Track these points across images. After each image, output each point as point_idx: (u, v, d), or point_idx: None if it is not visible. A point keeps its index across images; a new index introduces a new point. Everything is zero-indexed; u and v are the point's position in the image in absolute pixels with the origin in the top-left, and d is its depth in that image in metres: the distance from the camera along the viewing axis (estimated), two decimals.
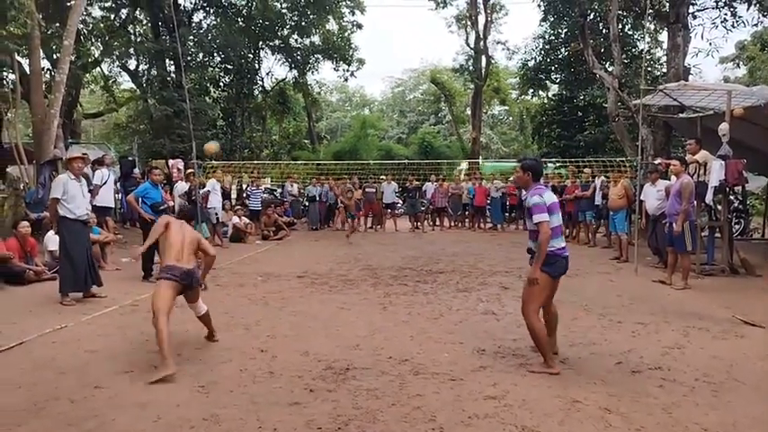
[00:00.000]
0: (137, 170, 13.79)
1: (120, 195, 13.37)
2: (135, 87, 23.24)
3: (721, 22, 16.19)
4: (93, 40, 20.16)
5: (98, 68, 22.13)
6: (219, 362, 4.55)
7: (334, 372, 4.29)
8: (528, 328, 4.38)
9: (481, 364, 4.49)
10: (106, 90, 23.87)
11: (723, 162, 8.28)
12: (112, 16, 21.31)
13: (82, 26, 17.84)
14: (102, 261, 8.86)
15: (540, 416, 3.49)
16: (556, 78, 26.33)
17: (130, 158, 14.82)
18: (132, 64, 22.20)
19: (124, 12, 21.49)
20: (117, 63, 22.16)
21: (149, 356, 4.67)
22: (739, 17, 16.10)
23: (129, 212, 13.47)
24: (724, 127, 8.42)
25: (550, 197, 4.45)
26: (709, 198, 8.56)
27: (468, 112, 33.03)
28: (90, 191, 8.10)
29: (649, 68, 20.63)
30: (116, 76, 23.86)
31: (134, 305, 6.61)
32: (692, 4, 15.47)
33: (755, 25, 18.33)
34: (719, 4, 15.81)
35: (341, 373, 4.26)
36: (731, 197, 10.30)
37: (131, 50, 20.87)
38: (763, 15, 16.80)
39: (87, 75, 20.40)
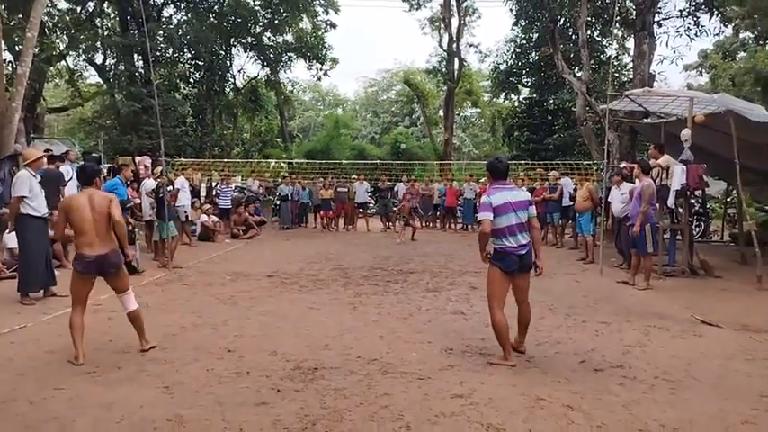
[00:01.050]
0: (101, 167, 13.42)
1: None
2: (101, 82, 22.69)
3: (685, 30, 16.75)
4: (59, 33, 19.60)
5: (63, 62, 21.52)
6: (185, 362, 4.48)
7: (303, 371, 4.28)
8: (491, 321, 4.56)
9: (449, 362, 4.53)
10: (71, 84, 23.21)
11: (685, 167, 8.53)
12: (79, 9, 20.74)
13: (47, 18, 17.33)
14: (64, 259, 8.62)
15: (506, 414, 3.54)
16: (527, 82, 26.71)
17: (94, 155, 14.43)
18: (99, 58, 21.68)
19: (91, 4, 20.95)
20: (83, 57, 21.59)
21: (112, 357, 4.58)
22: (702, 26, 16.68)
23: None
24: (686, 133, 8.67)
25: (501, 198, 4.52)
26: (671, 201, 8.80)
27: (441, 113, 33.24)
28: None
29: (616, 74, 21.15)
30: (82, 70, 23.24)
31: (96, 305, 6.44)
32: (658, 13, 15.93)
33: (717, 35, 19.02)
34: (683, 13, 16.33)
35: (309, 373, 4.24)
36: (692, 201, 10.62)
37: (98, 44, 20.38)
38: (725, 25, 17.43)
39: (52, 68, 19.81)
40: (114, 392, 3.82)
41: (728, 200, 15.68)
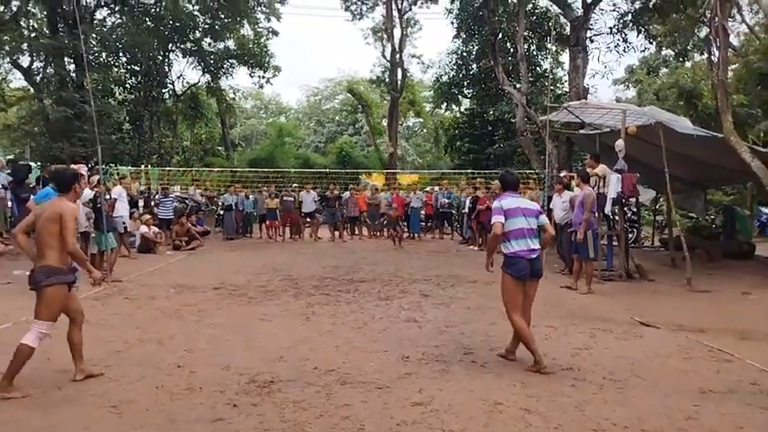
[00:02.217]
0: (32, 176, 12.65)
1: (10, 203, 12.20)
2: (28, 86, 21.39)
3: (615, 46, 17.73)
4: None
5: None
6: (132, 379, 4.28)
7: (258, 385, 4.17)
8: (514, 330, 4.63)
9: (406, 371, 4.55)
10: None
11: (620, 176, 9.00)
12: (2, 8, 19.52)
13: None
14: None
15: (466, 419, 3.59)
16: (468, 93, 27.39)
17: (24, 163, 13.56)
18: (25, 60, 20.44)
19: (15, 3, 19.75)
20: (7, 59, 20.29)
21: (52, 376, 4.31)
22: (630, 43, 17.71)
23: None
24: (620, 143, 9.16)
25: (512, 202, 4.69)
26: (608, 209, 9.26)
27: (385, 123, 33.54)
28: None
29: (552, 87, 22.07)
30: (6, 74, 21.84)
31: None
32: (590, 29, 16.77)
33: (643, 51, 20.28)
34: (613, 30, 17.27)
35: (265, 386, 4.14)
36: (626, 208, 11.21)
37: (24, 46, 19.22)
38: (650, 42, 18.58)
39: None
40: (56, 415, 3.59)
41: (657, 207, 16.65)
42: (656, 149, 9.29)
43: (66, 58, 18.42)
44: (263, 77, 26.26)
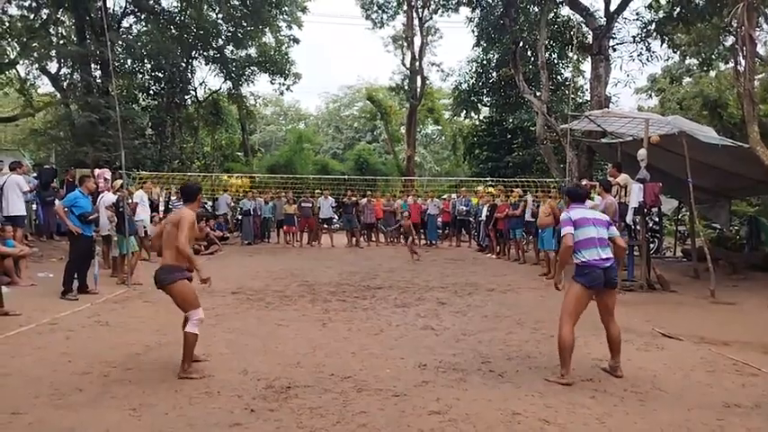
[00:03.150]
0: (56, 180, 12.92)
1: (36, 206, 12.47)
2: (55, 92, 21.88)
3: (638, 55, 17.52)
4: (9, 40, 18.85)
5: (14, 70, 20.68)
6: (152, 383, 4.32)
7: (276, 390, 4.18)
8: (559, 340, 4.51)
9: (423, 379, 4.52)
10: (22, 93, 22.31)
11: (642, 185, 8.87)
12: (32, 16, 20.04)
13: None
14: (15, 276, 8.20)
15: (484, 429, 3.55)
16: (487, 101, 27.32)
17: (50, 167, 13.85)
18: (53, 67, 20.92)
19: (45, 12, 20.27)
20: (36, 65, 20.80)
21: (72, 378, 4.37)
22: (653, 52, 17.49)
23: (46, 224, 12.58)
24: (642, 152, 9.03)
25: (580, 213, 4.68)
26: (629, 218, 9.12)
27: (403, 130, 33.57)
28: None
29: (573, 96, 21.91)
30: (34, 79, 22.38)
31: (52, 323, 6.17)
32: (613, 38, 16.62)
33: (666, 60, 20.04)
34: (636, 39, 17.08)
35: (282, 392, 4.15)
36: (648, 218, 11.04)
37: (52, 53, 19.67)
38: (674, 51, 18.36)
39: (2, 76, 19.02)
40: (77, 416, 3.64)
41: (679, 217, 16.36)
42: (679, 159, 9.14)
43: (92, 65, 18.82)
44: (284, 84, 26.55)
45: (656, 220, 13.08)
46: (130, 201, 9.62)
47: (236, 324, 6.37)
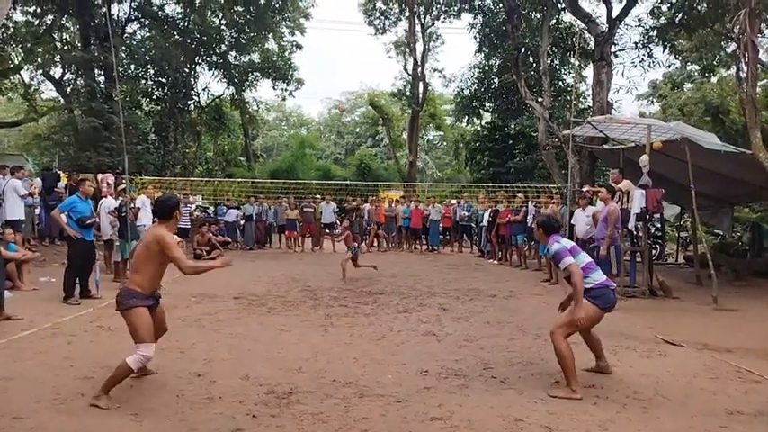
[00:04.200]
0: (60, 184, 12.93)
1: (39, 210, 12.51)
2: (59, 97, 21.99)
3: (640, 61, 17.56)
4: (14, 46, 18.98)
5: (18, 75, 20.80)
6: (153, 387, 4.32)
7: (277, 396, 4.18)
8: (555, 351, 4.39)
9: (425, 385, 4.51)
10: (26, 99, 22.43)
11: (644, 191, 8.87)
12: (36, 21, 20.17)
13: (1, 30, 16.79)
14: (17, 280, 8.22)
15: None
16: (489, 107, 27.38)
17: (53, 172, 13.90)
18: (57, 72, 21.04)
19: (50, 18, 20.41)
20: (40, 71, 20.92)
21: (75, 383, 4.37)
22: (655, 58, 17.54)
23: (47, 229, 12.62)
24: (644, 159, 9.04)
25: (568, 241, 4.73)
26: (631, 224, 9.11)
27: (405, 136, 33.63)
28: None
29: (575, 102, 21.96)
30: (38, 85, 22.50)
31: (54, 328, 6.17)
32: (615, 44, 16.66)
33: (668, 66, 20.07)
34: (638, 45, 17.12)
35: (284, 397, 4.15)
36: (650, 224, 11.03)
37: (57, 58, 19.79)
38: (675, 57, 18.39)
39: (6, 81, 19.13)
40: (79, 421, 3.64)
41: (681, 223, 16.34)
42: (681, 165, 9.15)
43: (96, 71, 18.93)
44: (287, 90, 26.62)
45: (659, 226, 13.06)
46: (133, 206, 9.64)
47: (237, 329, 6.36)
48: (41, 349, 5.31)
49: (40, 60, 19.48)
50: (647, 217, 9.26)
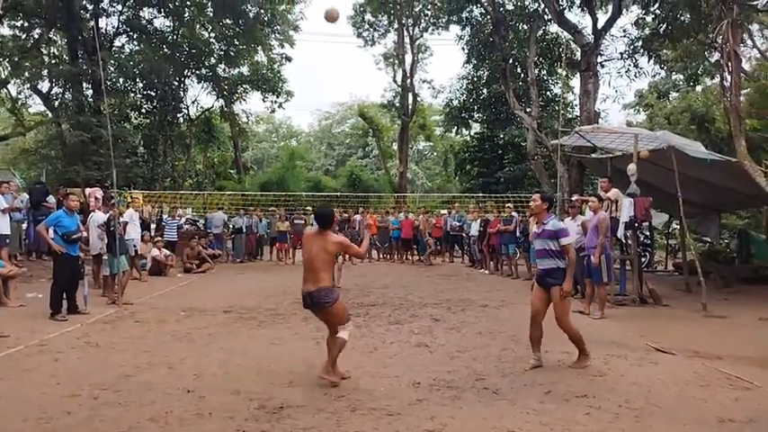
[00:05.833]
0: (51, 198, 12.79)
1: (26, 225, 12.37)
2: (46, 111, 21.86)
3: (625, 71, 17.81)
4: (1, 60, 18.88)
5: (5, 89, 20.67)
6: (142, 404, 4.25)
7: (268, 411, 4.13)
8: (571, 335, 5.33)
9: (417, 397, 4.49)
10: (13, 113, 22.28)
11: (632, 200, 8.95)
12: (24, 35, 20.10)
13: None
14: (4, 297, 8.10)
15: None
16: (478, 117, 27.59)
17: (41, 186, 13.76)
18: (45, 86, 20.93)
19: (37, 32, 20.34)
20: (27, 84, 20.80)
21: (62, 401, 4.30)
22: (640, 68, 17.79)
23: (35, 243, 12.47)
24: (632, 167, 9.13)
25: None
26: (620, 233, 9.18)
27: (395, 146, 33.77)
28: None
29: (563, 111, 22.18)
30: (25, 99, 22.37)
31: (41, 345, 6.08)
32: (601, 55, 16.89)
33: (654, 76, 20.35)
34: (624, 55, 17.37)
35: (275, 412, 4.10)
36: (639, 232, 11.11)
37: (44, 72, 19.69)
38: (661, 67, 18.66)
39: None
40: None
41: (670, 231, 16.48)
42: (668, 173, 9.24)
43: (84, 84, 18.86)
44: (276, 102, 26.70)
45: (647, 234, 13.17)
46: (121, 220, 9.55)
47: (228, 343, 6.30)
48: (28, 367, 5.22)
49: (27, 74, 19.39)
50: (636, 225, 9.34)
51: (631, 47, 17.24)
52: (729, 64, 9.44)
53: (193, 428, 3.81)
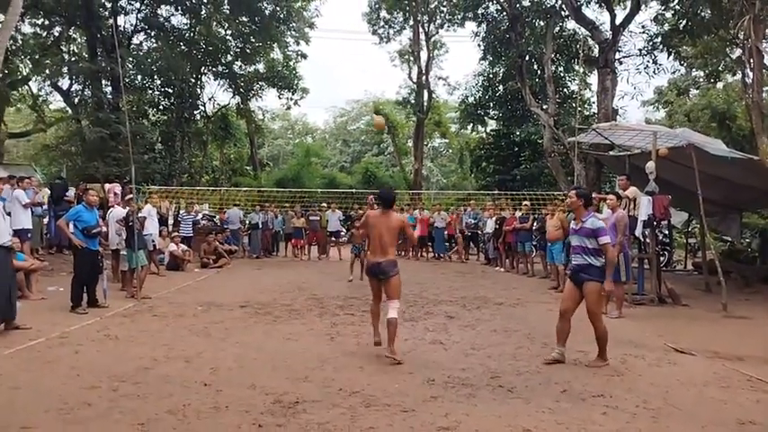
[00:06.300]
0: (70, 193, 13.01)
1: (47, 219, 12.59)
2: (66, 107, 22.21)
3: (644, 68, 17.55)
4: (22, 57, 19.21)
5: (26, 86, 21.04)
6: (159, 396, 4.31)
7: (283, 405, 4.16)
8: (599, 332, 5.35)
9: (432, 394, 4.48)
10: (34, 109, 22.66)
11: (651, 198, 8.82)
12: (44, 33, 20.43)
13: (11, 41, 16.98)
14: (26, 290, 8.25)
15: None
16: (494, 114, 27.40)
17: (61, 181, 13.99)
18: (65, 83, 21.26)
19: (57, 29, 20.66)
20: (48, 82, 21.15)
21: (82, 392, 4.37)
22: (659, 65, 17.51)
23: (56, 238, 12.69)
24: (651, 165, 9.00)
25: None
26: (638, 231, 9.06)
27: (411, 143, 33.68)
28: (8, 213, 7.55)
29: (580, 108, 21.95)
30: (46, 95, 22.74)
31: (62, 337, 6.19)
32: (619, 51, 16.67)
33: (673, 73, 20.04)
34: (642, 51, 17.12)
35: (290, 407, 4.13)
36: (658, 231, 10.96)
37: (64, 69, 20.01)
38: (680, 63, 18.37)
39: (15, 93, 19.33)
40: (86, 431, 3.64)
41: (689, 230, 16.24)
42: (688, 171, 9.09)
43: (103, 81, 19.14)
44: (292, 99, 26.77)
45: (666, 233, 12.98)
46: (139, 215, 9.67)
47: (244, 338, 6.36)
48: (49, 359, 5.32)
49: (47, 71, 19.72)
50: (655, 224, 9.22)
51: (650, 43, 16.96)
52: (751, 60, 9.26)
53: (210, 421, 3.85)
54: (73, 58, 20.91)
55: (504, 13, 19.35)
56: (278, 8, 22.37)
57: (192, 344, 6.02)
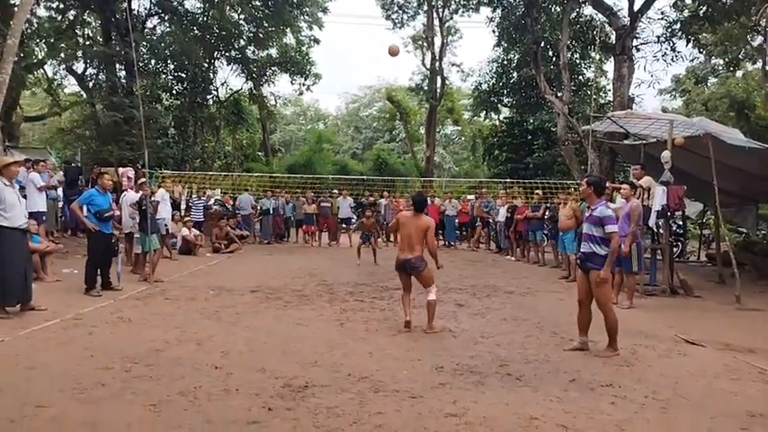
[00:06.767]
0: (83, 177, 13.16)
1: (61, 203, 12.74)
2: (81, 91, 22.36)
3: (662, 55, 17.22)
4: (38, 41, 19.32)
5: (41, 70, 21.18)
6: (171, 379, 4.37)
7: (293, 389, 4.20)
8: (609, 322, 5.35)
9: (440, 381, 4.50)
10: (49, 93, 22.83)
11: (665, 188, 8.71)
12: (59, 17, 20.51)
13: (26, 25, 17.08)
14: (41, 272, 8.38)
15: None
16: (507, 102, 27.13)
17: (75, 165, 14.14)
18: (79, 67, 21.39)
19: (72, 13, 20.73)
20: (63, 65, 21.28)
21: (95, 373, 4.45)
22: (678, 52, 17.17)
23: (70, 221, 12.85)
24: (666, 155, 8.87)
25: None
26: (652, 221, 8.97)
27: (423, 130, 33.52)
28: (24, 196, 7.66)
29: (595, 96, 21.65)
30: (61, 79, 22.90)
31: (77, 318, 6.29)
32: (636, 38, 16.37)
33: (692, 61, 19.66)
34: (661, 38, 16.80)
35: (300, 391, 4.17)
36: (671, 221, 10.84)
37: (79, 53, 20.11)
38: (699, 51, 18.02)
39: (30, 76, 19.48)
40: (99, 411, 3.70)
41: (704, 220, 16.05)
42: (704, 161, 8.96)
43: (117, 65, 19.23)
44: (304, 84, 26.74)
45: (680, 223, 12.85)
46: (153, 199, 9.75)
47: (254, 322, 6.42)
48: (64, 340, 5.42)
49: (62, 55, 19.85)
50: (669, 214, 9.11)
51: (669, 30, 16.62)
52: None
53: (221, 404, 3.90)
54: (87, 42, 21.00)
55: None
56: None
57: (203, 327, 6.10)
